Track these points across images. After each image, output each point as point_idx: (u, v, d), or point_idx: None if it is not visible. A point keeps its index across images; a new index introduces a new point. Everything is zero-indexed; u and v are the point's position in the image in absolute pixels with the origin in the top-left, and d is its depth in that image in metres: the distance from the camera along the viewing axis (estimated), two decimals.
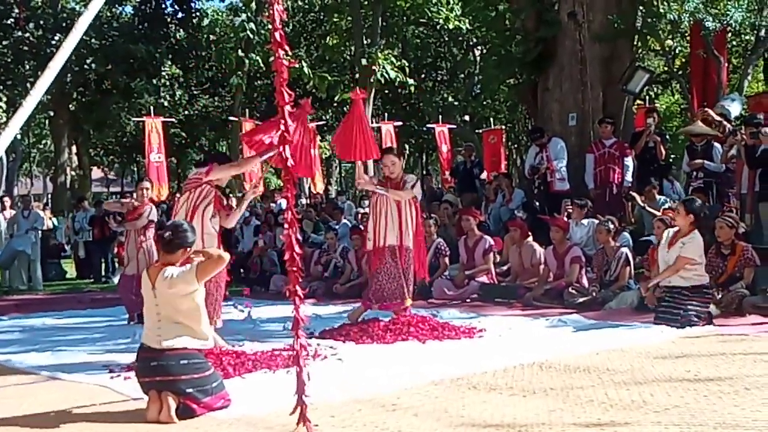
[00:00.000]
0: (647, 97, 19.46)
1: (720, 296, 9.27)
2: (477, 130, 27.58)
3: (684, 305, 8.72)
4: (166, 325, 5.18)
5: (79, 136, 29.35)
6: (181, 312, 5.29)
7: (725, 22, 14.47)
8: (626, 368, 6.67)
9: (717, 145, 12.70)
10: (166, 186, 18.91)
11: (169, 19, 28.20)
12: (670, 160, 21.07)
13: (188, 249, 5.54)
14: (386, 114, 26.06)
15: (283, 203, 6.81)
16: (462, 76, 32.03)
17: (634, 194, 13.11)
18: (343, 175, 52.83)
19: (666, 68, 24.74)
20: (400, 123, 23.36)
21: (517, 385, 6.23)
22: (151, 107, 20.36)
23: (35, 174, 51.54)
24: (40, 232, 17.54)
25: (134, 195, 11.40)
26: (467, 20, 26.69)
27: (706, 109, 13.10)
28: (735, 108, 13.41)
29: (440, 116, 23.61)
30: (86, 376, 7.15)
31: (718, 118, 12.64)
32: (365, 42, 25.51)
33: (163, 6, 27.98)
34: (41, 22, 25.72)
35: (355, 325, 9.09)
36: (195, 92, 35.18)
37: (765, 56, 22.81)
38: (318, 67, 28.30)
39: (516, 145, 31.96)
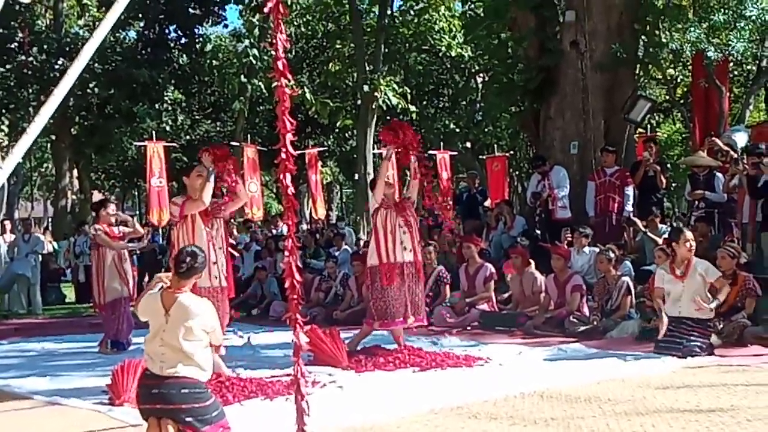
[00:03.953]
0: (649, 126, 19.49)
1: (721, 326, 9.23)
2: (480, 157, 27.61)
3: (687, 335, 8.70)
4: (168, 352, 5.14)
5: (81, 160, 29.33)
6: (185, 343, 5.25)
7: (727, 52, 14.50)
8: (627, 398, 6.64)
9: (719, 175, 12.69)
10: (167, 211, 18.87)
11: (172, 45, 28.26)
12: (671, 188, 21.10)
13: (201, 273, 5.52)
14: None
15: (284, 229, 6.87)
16: (464, 103, 32.09)
17: (635, 219, 13.11)
18: (344, 200, 52.89)
19: (668, 97, 24.83)
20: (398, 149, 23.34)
21: (517, 414, 6.20)
22: (153, 132, 20.35)
23: (36, 197, 51.54)
24: (40, 256, 17.52)
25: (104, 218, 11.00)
26: (469, 48, 26.80)
27: (713, 138, 13.12)
28: (741, 138, 13.42)
29: (442, 143, 23.63)
30: (84, 402, 7.14)
31: (725, 147, 12.65)
32: (367, 68, 25.59)
33: (167, 31, 28.03)
34: (45, 47, 25.75)
35: (355, 352, 9.07)
36: (197, 117, 35.28)
37: (766, 86, 22.88)
38: (320, 93, 28.39)
39: (518, 173, 31.99)
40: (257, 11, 25.37)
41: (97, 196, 34.36)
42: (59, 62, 25.42)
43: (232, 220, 22.40)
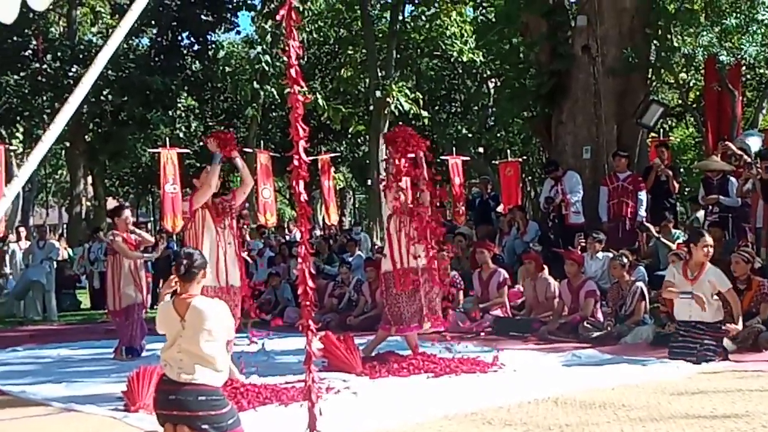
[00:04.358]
0: (661, 131, 19.44)
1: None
2: (492, 162, 27.59)
3: (700, 340, 8.68)
4: (186, 358, 5.14)
5: (95, 166, 29.44)
6: (205, 346, 5.25)
7: (739, 56, 14.44)
8: (642, 404, 6.63)
9: (733, 179, 12.67)
10: (182, 217, 18.92)
11: (185, 52, 28.38)
12: (684, 193, 21.03)
13: (204, 270, 5.50)
14: None
15: (298, 235, 6.94)
16: (476, 108, 32.08)
17: (648, 225, 13.08)
18: (356, 206, 52.92)
19: (680, 101, 24.71)
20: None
21: (531, 420, 6.19)
22: (167, 138, 20.42)
23: (51, 204, 51.75)
24: (55, 262, 17.59)
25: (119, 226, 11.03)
26: (481, 53, 26.80)
27: (727, 142, 13.09)
28: (755, 142, 13.39)
29: (454, 148, 23.64)
30: (100, 408, 7.16)
31: (738, 151, 12.63)
32: (380, 74, 25.62)
33: (179, 38, 28.17)
34: (59, 54, 25.87)
35: (369, 358, 9.07)
36: (210, 123, 35.36)
37: None
38: (332, 98, 28.42)
39: (530, 178, 31.94)
40: (269, 18, 25.47)
41: (111, 202, 34.49)
42: (73, 69, 25.55)
43: (245, 226, 22.44)
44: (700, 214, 13.82)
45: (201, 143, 34.25)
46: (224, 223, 8.08)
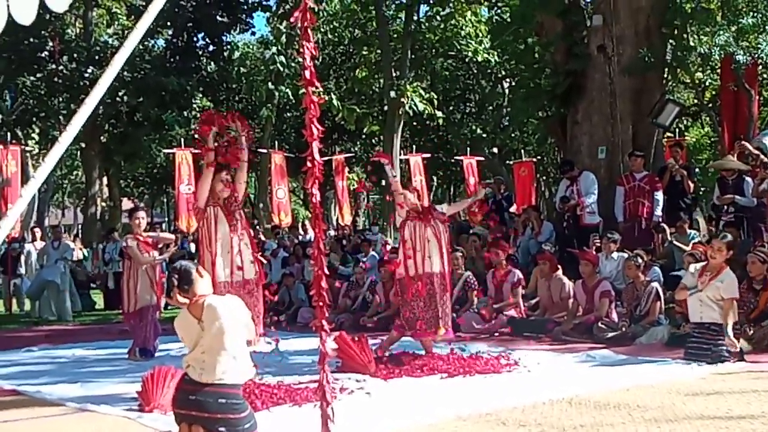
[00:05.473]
0: (677, 130, 19.40)
1: (752, 332, 9.15)
2: (507, 162, 27.58)
3: (714, 341, 8.63)
4: (209, 358, 5.14)
5: (110, 167, 29.55)
6: (226, 342, 5.25)
7: (756, 55, 14.41)
8: (657, 405, 6.60)
9: (748, 179, 12.60)
10: (193, 212, 18.99)
11: (200, 53, 28.47)
12: (699, 193, 21.00)
13: (197, 269, 5.47)
14: (414, 146, 26.16)
15: (312, 235, 6.98)
16: (490, 108, 32.08)
17: (664, 225, 13.02)
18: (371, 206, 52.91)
19: (696, 101, 24.67)
20: (428, 155, 23.39)
21: (546, 421, 6.18)
22: (182, 139, 20.52)
23: (66, 205, 52.01)
24: (69, 262, 17.64)
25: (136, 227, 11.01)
26: (496, 53, 26.78)
27: (743, 142, 13.03)
28: None
29: (468, 148, 23.62)
30: (114, 408, 7.18)
31: (755, 151, 12.57)
32: (394, 74, 25.63)
33: (195, 39, 28.25)
34: (75, 55, 25.98)
35: (383, 358, 9.07)
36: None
37: None
38: (347, 99, 28.46)
39: (545, 178, 31.90)
40: (284, 19, 25.51)
41: (126, 203, 34.64)
42: (89, 71, 25.66)
43: (257, 226, 22.45)
44: (698, 216, 13.74)
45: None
46: (236, 218, 8.15)
